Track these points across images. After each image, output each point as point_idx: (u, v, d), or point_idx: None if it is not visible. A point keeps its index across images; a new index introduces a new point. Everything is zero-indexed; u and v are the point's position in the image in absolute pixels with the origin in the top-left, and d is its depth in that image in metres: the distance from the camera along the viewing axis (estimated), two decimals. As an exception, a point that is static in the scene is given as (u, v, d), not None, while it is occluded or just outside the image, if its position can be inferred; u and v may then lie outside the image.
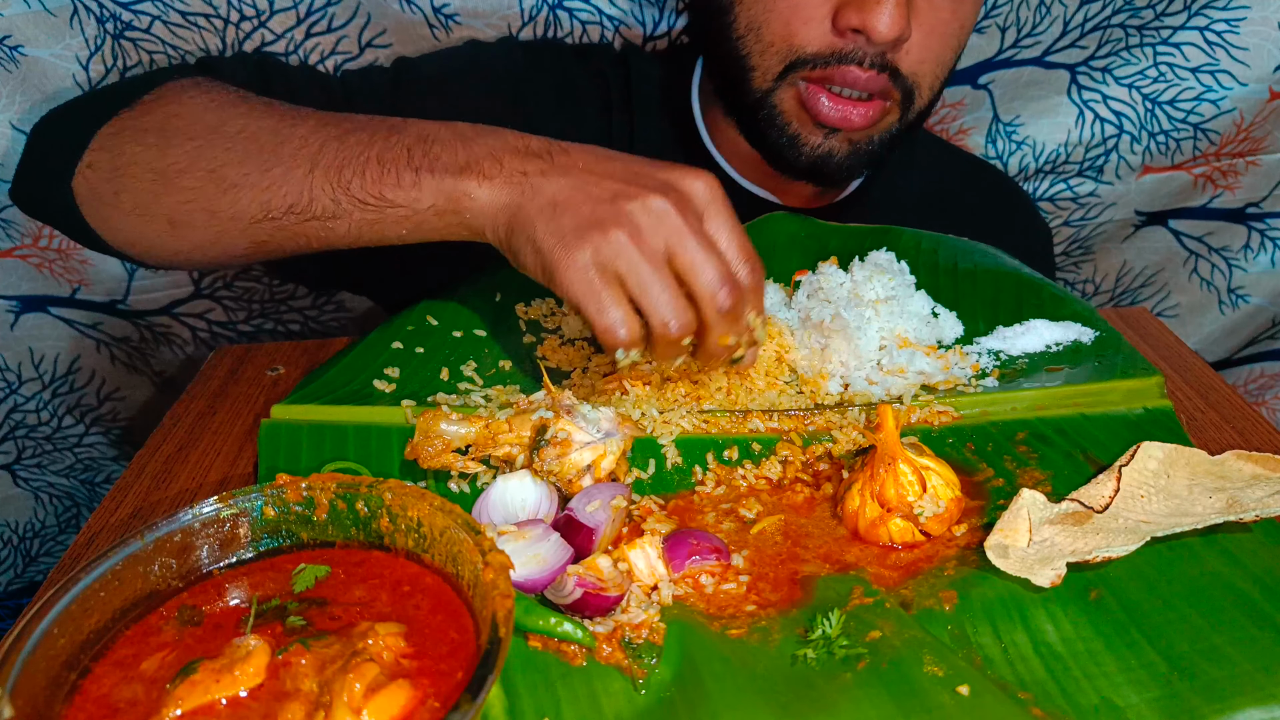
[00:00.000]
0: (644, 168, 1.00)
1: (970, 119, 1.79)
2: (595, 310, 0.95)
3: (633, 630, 0.80)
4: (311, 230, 1.09)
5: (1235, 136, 1.77)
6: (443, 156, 1.02)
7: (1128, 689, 0.75)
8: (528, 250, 0.98)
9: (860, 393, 1.15)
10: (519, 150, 1.01)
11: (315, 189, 1.06)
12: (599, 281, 0.94)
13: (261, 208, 1.09)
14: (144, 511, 1.05)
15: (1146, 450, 0.96)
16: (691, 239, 0.95)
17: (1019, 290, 1.35)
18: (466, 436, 0.98)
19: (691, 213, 0.97)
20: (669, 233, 0.95)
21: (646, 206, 0.95)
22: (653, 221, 0.95)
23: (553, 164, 0.99)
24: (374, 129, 1.07)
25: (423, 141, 1.04)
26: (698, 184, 0.99)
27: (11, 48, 1.38)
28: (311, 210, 1.07)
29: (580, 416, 0.98)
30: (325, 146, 1.07)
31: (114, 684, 0.69)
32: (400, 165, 1.03)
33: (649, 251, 0.94)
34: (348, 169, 1.05)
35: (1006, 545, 0.86)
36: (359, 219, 1.06)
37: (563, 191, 0.97)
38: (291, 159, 1.08)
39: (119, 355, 1.76)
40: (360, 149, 1.05)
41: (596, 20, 1.58)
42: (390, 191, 1.03)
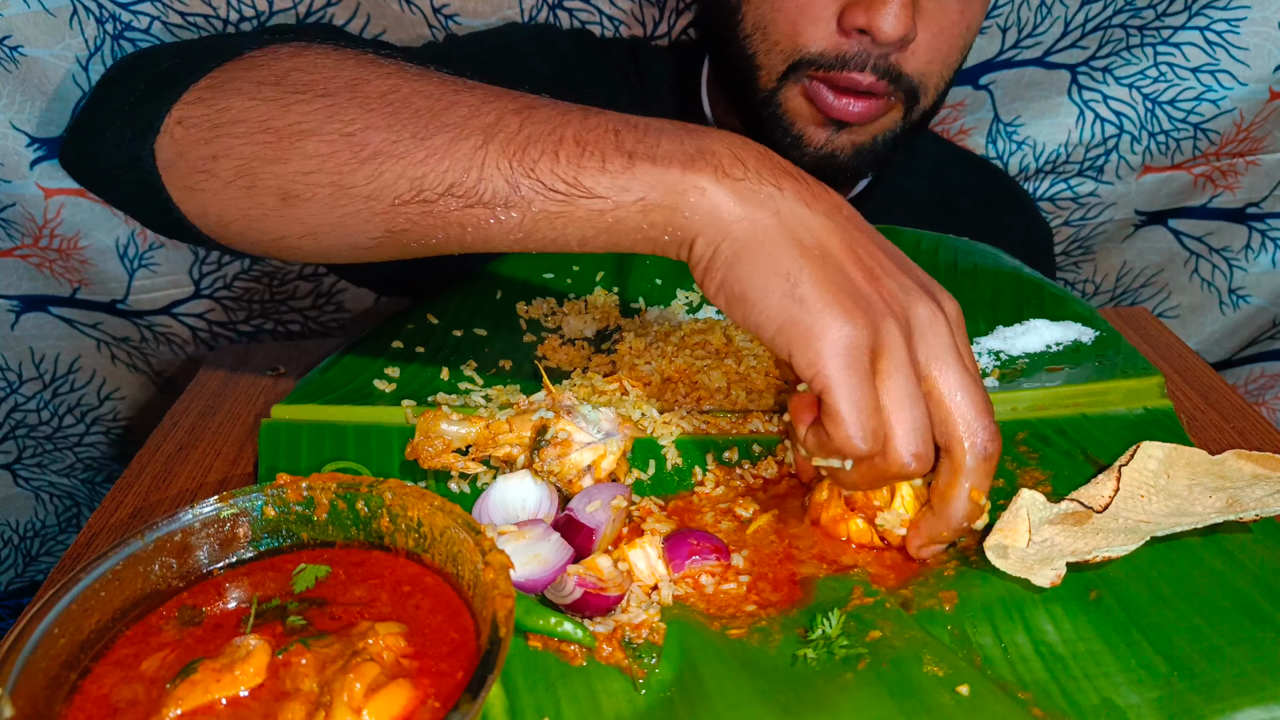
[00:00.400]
0: (908, 260, 0.85)
1: (971, 119, 1.80)
2: (843, 403, 0.77)
3: (633, 630, 0.80)
4: (471, 220, 0.86)
5: (1235, 136, 1.77)
6: (663, 144, 0.82)
7: (1128, 689, 0.75)
8: (774, 288, 0.78)
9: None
10: (763, 157, 0.83)
11: (488, 166, 0.84)
12: (856, 368, 0.77)
13: (412, 185, 0.86)
14: (144, 511, 1.05)
15: (1146, 450, 0.96)
16: (958, 364, 0.80)
17: (1019, 290, 1.35)
18: (467, 437, 0.98)
19: (956, 335, 0.82)
20: (938, 347, 0.80)
21: (921, 307, 0.80)
22: (924, 326, 0.80)
23: (814, 195, 0.81)
24: (569, 109, 0.87)
25: (630, 126, 0.84)
26: (953, 306, 0.84)
27: (11, 48, 1.38)
28: (479, 193, 0.84)
29: (580, 417, 0.98)
30: (504, 118, 0.86)
31: (114, 684, 0.69)
32: (607, 147, 0.82)
33: (914, 360, 0.79)
34: (534, 146, 0.83)
35: (1006, 545, 0.86)
36: (539, 210, 0.84)
37: (832, 238, 0.79)
38: (459, 127, 0.86)
39: (119, 355, 1.76)
40: (550, 125, 0.84)
41: (596, 20, 1.58)
42: (590, 177, 0.82)
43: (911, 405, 0.78)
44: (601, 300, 1.38)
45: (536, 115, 0.86)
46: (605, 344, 1.28)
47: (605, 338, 1.30)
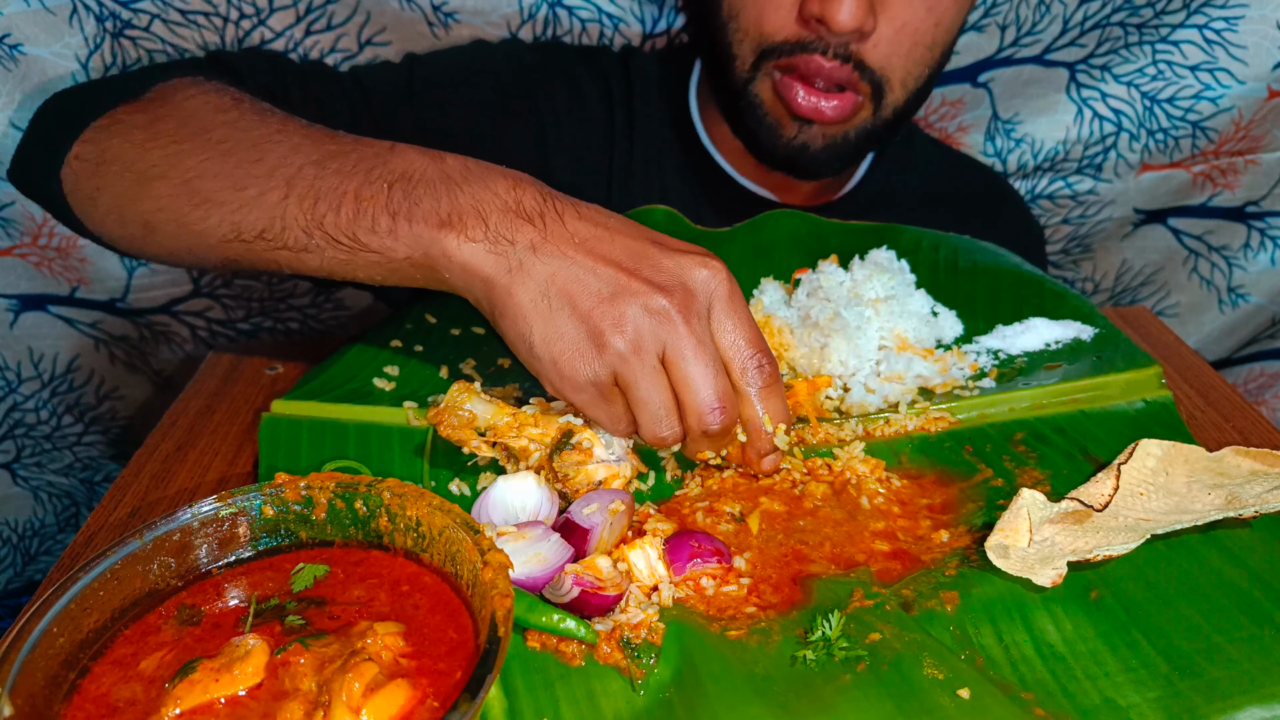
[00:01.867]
0: (649, 249, 0.93)
1: (969, 117, 1.79)
2: (599, 420, 0.95)
3: (631, 630, 0.80)
4: (283, 259, 1.02)
5: (1234, 135, 1.77)
6: (424, 202, 0.93)
7: (1129, 688, 0.75)
8: (522, 349, 0.93)
9: (858, 402, 1.14)
10: (508, 208, 0.92)
11: (288, 217, 0.99)
12: (600, 399, 0.93)
13: (232, 228, 1.02)
14: (143, 510, 1.05)
15: (1145, 448, 0.96)
16: (690, 349, 0.91)
17: (1019, 288, 1.35)
18: (491, 420, 0.98)
19: (695, 314, 0.91)
20: (668, 339, 0.90)
21: (648, 308, 0.89)
22: (652, 326, 0.90)
23: (545, 234, 0.91)
24: (358, 156, 0.99)
25: (405, 180, 0.95)
26: (702, 274, 0.92)
27: (11, 46, 1.38)
28: (283, 240, 1.00)
29: (599, 432, 0.98)
30: (303, 171, 0.99)
31: (113, 683, 0.69)
32: (378, 207, 0.94)
33: (646, 364, 0.91)
34: (323, 202, 0.97)
35: (1007, 545, 0.86)
36: (330, 256, 0.98)
37: (556, 279, 0.90)
38: (267, 179, 1.01)
39: (118, 354, 1.76)
40: (339, 180, 0.97)
41: (596, 19, 1.58)
42: (365, 235, 0.95)
43: (648, 402, 0.92)
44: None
45: (331, 167, 0.99)
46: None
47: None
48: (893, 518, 0.96)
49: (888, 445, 1.08)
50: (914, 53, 1.34)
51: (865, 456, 1.04)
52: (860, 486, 1.00)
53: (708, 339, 0.92)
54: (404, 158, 0.97)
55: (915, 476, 1.03)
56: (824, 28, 1.27)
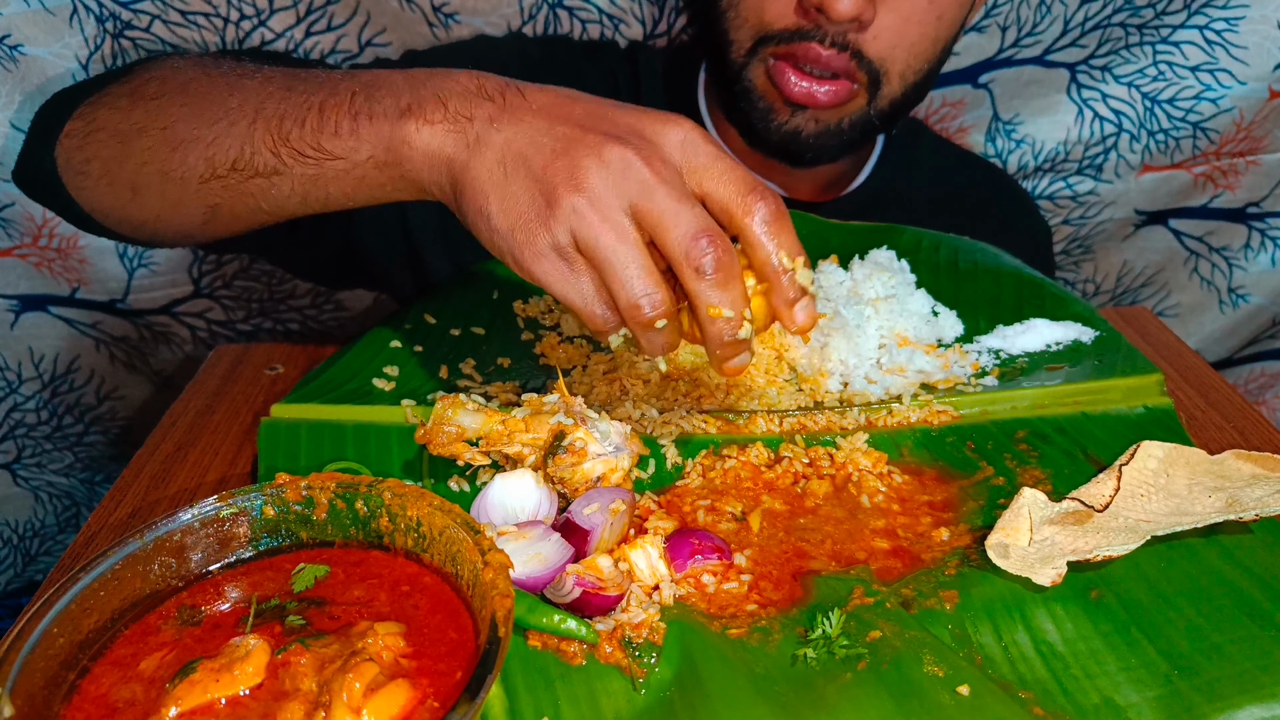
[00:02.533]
0: (610, 110, 0.88)
1: (970, 117, 1.79)
2: (569, 298, 0.85)
3: (632, 630, 0.80)
4: (257, 189, 1.00)
5: (1235, 135, 1.77)
6: (384, 100, 0.90)
7: (1128, 688, 0.75)
8: (482, 228, 0.86)
9: (860, 392, 1.15)
10: (468, 91, 0.88)
11: (256, 141, 0.97)
12: (567, 268, 0.84)
13: (208, 164, 1.01)
14: (143, 511, 1.05)
15: (1146, 449, 0.96)
16: (659, 189, 0.82)
17: (1019, 289, 1.35)
18: (481, 430, 0.98)
19: (661, 160, 0.83)
20: (632, 187, 0.82)
21: (604, 159, 0.82)
22: (612, 177, 0.82)
23: (503, 107, 0.87)
24: (327, 79, 0.98)
25: (369, 86, 0.93)
26: (672, 130, 0.85)
27: (11, 47, 1.38)
28: (254, 166, 0.98)
29: (593, 425, 0.97)
30: (271, 96, 0.98)
31: (113, 683, 0.69)
32: (340, 112, 0.92)
33: (609, 218, 0.82)
34: (289, 119, 0.95)
35: (1007, 544, 0.86)
36: (300, 174, 0.96)
37: (512, 144, 0.85)
38: (238, 110, 1.00)
39: (118, 354, 1.76)
40: (305, 96, 0.96)
41: (596, 19, 1.58)
42: (328, 142, 0.93)
43: (614, 260, 0.82)
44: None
45: (299, 88, 0.97)
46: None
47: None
48: (893, 515, 0.96)
49: (890, 437, 1.08)
50: (916, 46, 1.34)
51: (868, 449, 1.04)
52: (861, 484, 1.00)
53: (678, 180, 0.84)
54: (373, 72, 0.96)
55: (916, 472, 1.03)
56: (823, 16, 1.26)
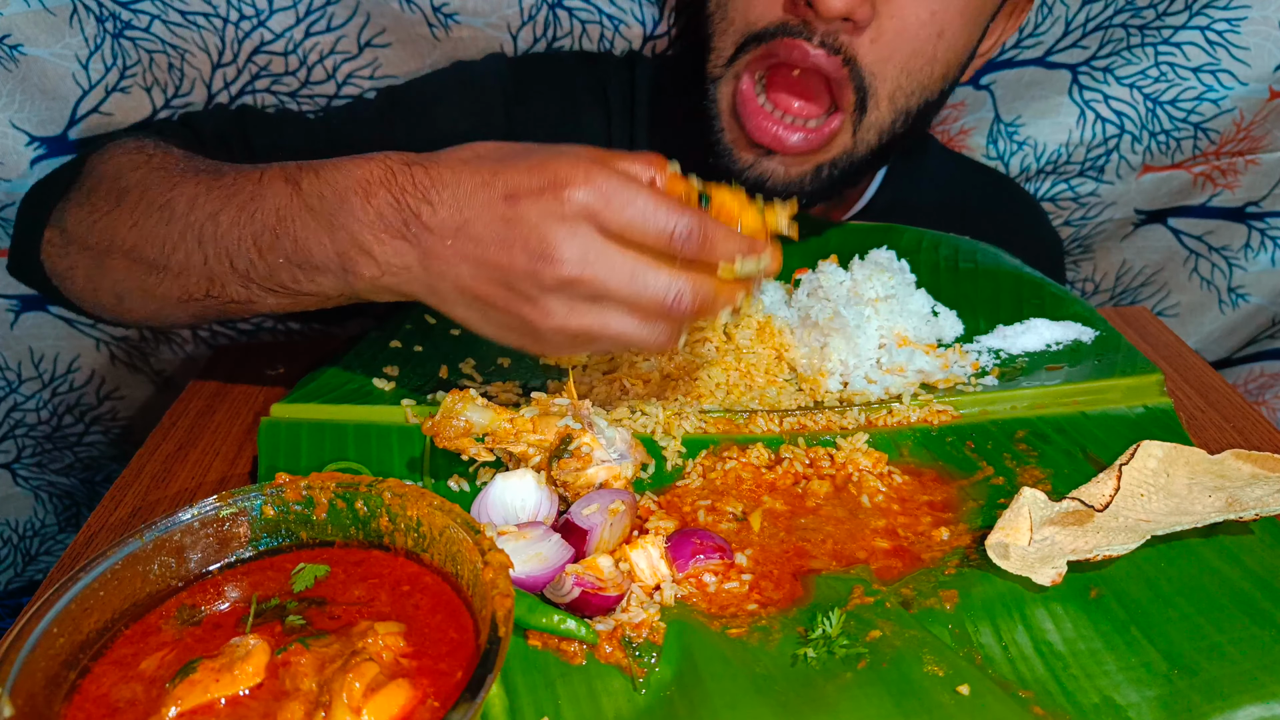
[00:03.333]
0: (501, 207, 0.88)
1: (972, 119, 1.79)
2: (631, 340, 0.91)
3: (633, 629, 0.80)
4: (236, 310, 1.07)
5: (1235, 135, 1.77)
6: (313, 250, 0.95)
7: (1128, 687, 0.75)
8: (496, 343, 0.96)
9: (859, 391, 1.15)
10: (377, 228, 0.91)
11: (221, 278, 1.03)
12: (607, 340, 0.91)
13: (183, 291, 1.07)
14: (143, 510, 1.05)
15: (1146, 449, 0.96)
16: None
17: (1019, 289, 1.35)
18: (488, 426, 0.98)
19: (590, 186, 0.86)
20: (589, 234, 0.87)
21: (548, 236, 0.86)
22: (567, 236, 0.86)
23: (422, 250, 0.91)
24: (239, 199, 1.01)
25: (281, 223, 0.97)
26: (577, 180, 0.87)
27: (11, 47, 1.38)
28: (228, 295, 1.04)
29: (599, 431, 0.98)
30: (204, 228, 1.02)
31: (113, 683, 0.69)
32: (283, 262, 0.98)
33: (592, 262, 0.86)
34: (239, 259, 1.00)
35: (1007, 544, 0.86)
36: (275, 303, 1.03)
37: (464, 288, 0.91)
38: (182, 241, 1.04)
39: (118, 354, 1.76)
40: (235, 230, 1.00)
41: (596, 20, 1.57)
42: (290, 284, 0.99)
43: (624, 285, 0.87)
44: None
45: (223, 220, 1.01)
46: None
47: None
48: (893, 515, 0.96)
49: (889, 437, 1.08)
50: (910, 63, 1.23)
51: (868, 449, 1.04)
52: (861, 484, 1.00)
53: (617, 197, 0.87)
54: (270, 191, 0.99)
55: (916, 472, 1.03)
56: (812, 11, 1.17)
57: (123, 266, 1.11)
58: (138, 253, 1.08)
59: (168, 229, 1.05)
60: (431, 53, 1.55)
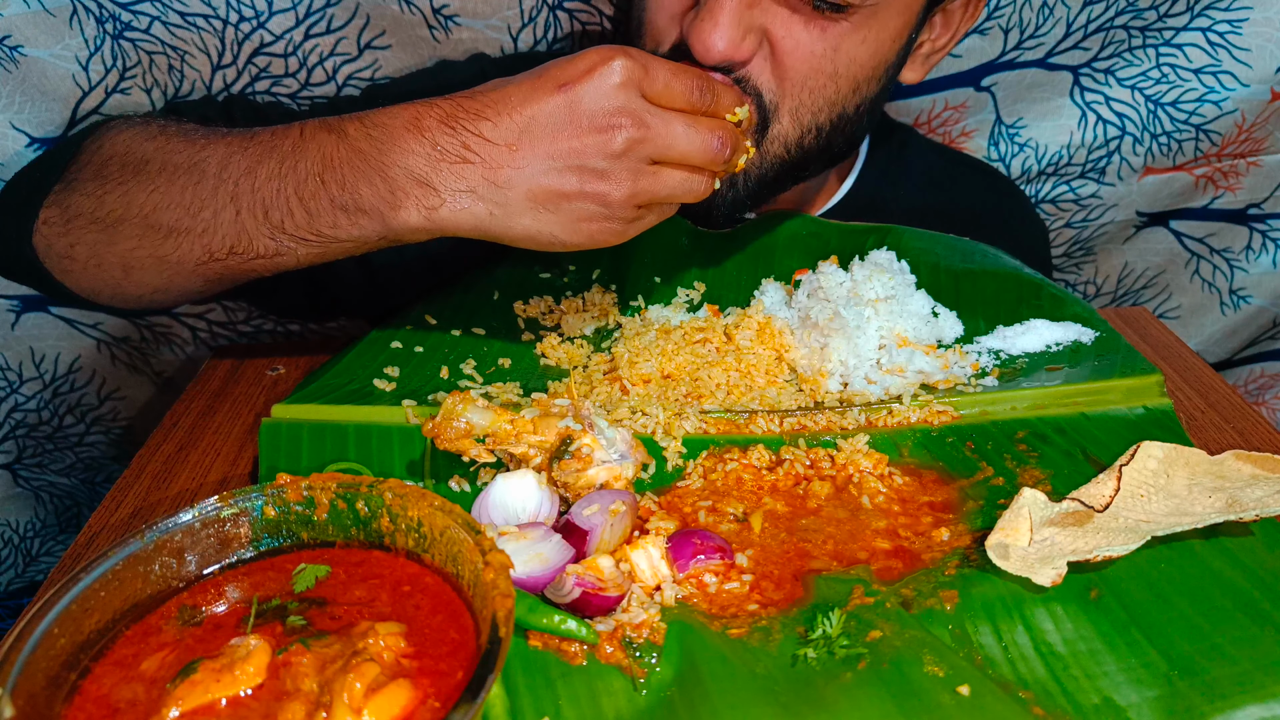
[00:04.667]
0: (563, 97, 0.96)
1: (973, 121, 1.79)
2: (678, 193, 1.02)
3: (633, 630, 0.80)
4: (259, 266, 1.07)
5: (1237, 137, 1.77)
6: (362, 192, 0.98)
7: (1128, 688, 0.75)
8: (560, 252, 1.01)
9: (859, 392, 1.15)
10: (435, 159, 0.96)
11: (251, 231, 1.04)
12: (644, 204, 0.99)
13: (204, 251, 1.07)
14: (144, 511, 1.05)
15: (1146, 450, 0.96)
16: (653, 133, 0.96)
17: (1019, 290, 1.35)
18: (489, 427, 0.98)
19: (638, 113, 0.97)
20: (641, 147, 0.96)
21: (608, 105, 0.95)
22: (625, 102, 0.95)
23: (487, 165, 0.96)
24: (278, 154, 1.03)
25: (329, 170, 0.99)
26: (613, 69, 0.96)
27: (11, 48, 1.38)
28: (254, 250, 1.05)
29: (599, 432, 0.98)
30: (240, 184, 1.03)
31: (114, 684, 0.69)
32: (326, 207, 0.99)
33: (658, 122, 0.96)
34: (274, 210, 1.02)
35: (1007, 545, 0.86)
36: (305, 253, 1.04)
37: (534, 193, 0.96)
38: (213, 198, 1.05)
39: (119, 355, 1.76)
40: (275, 183, 1.02)
41: (596, 21, 1.57)
42: (328, 230, 1.01)
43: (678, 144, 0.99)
44: (599, 298, 1.38)
45: (261, 174, 1.02)
46: (605, 342, 1.28)
47: (605, 336, 1.30)
48: (894, 516, 0.97)
49: (890, 437, 1.08)
50: (809, 81, 1.18)
51: (869, 450, 1.04)
52: (862, 485, 1.00)
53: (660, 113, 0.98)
54: (315, 142, 1.01)
55: (916, 473, 1.03)
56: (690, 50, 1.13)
57: (136, 234, 1.11)
58: (155, 218, 1.08)
59: (196, 189, 1.06)
60: (431, 54, 1.55)
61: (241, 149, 1.05)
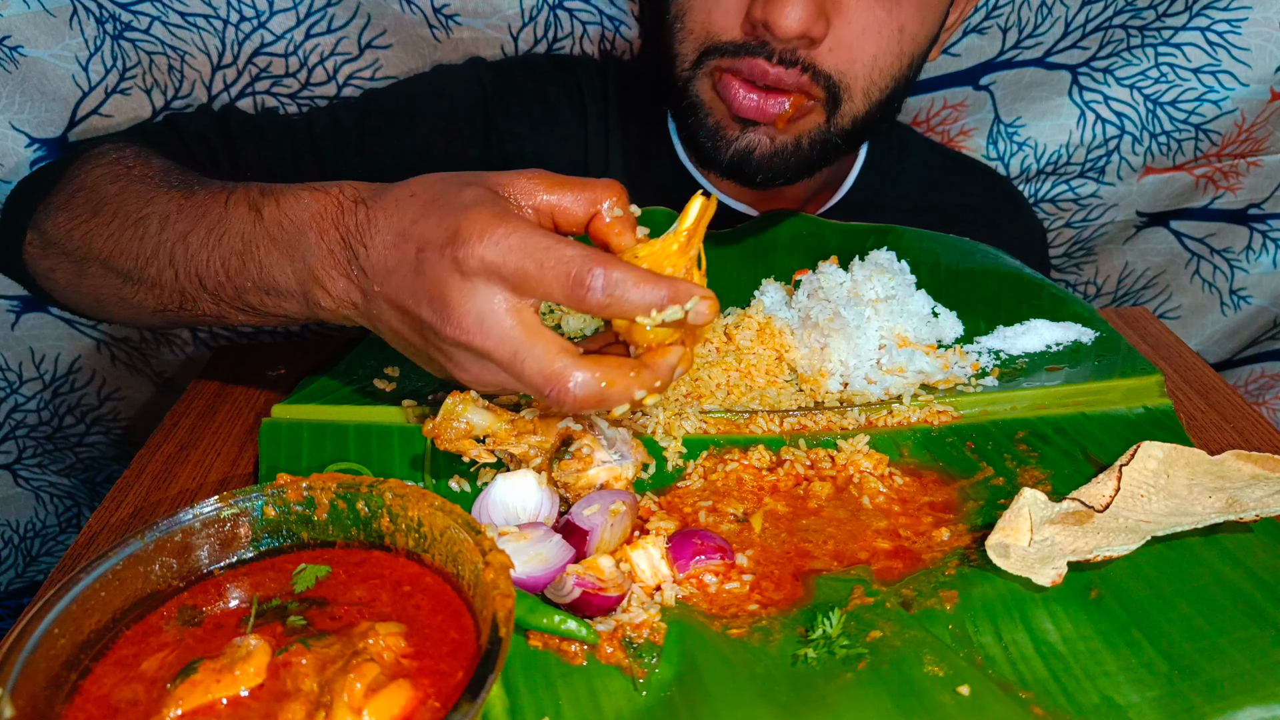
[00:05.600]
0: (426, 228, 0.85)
1: (972, 120, 1.79)
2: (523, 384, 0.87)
3: (633, 630, 0.80)
4: (210, 321, 1.09)
5: (1237, 137, 1.77)
6: (278, 280, 0.96)
7: (1128, 688, 0.75)
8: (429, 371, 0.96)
9: (860, 392, 1.15)
10: (327, 263, 0.92)
11: (190, 293, 1.05)
12: (502, 391, 0.92)
13: (157, 302, 1.09)
14: (144, 511, 1.05)
15: (1147, 450, 0.96)
16: (508, 264, 0.81)
17: (1019, 290, 1.35)
18: (489, 428, 0.98)
19: (486, 240, 0.82)
20: (490, 293, 0.83)
21: (446, 294, 0.83)
22: (465, 295, 0.83)
23: (362, 290, 0.91)
24: (206, 221, 1.02)
25: (247, 249, 0.98)
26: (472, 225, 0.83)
27: (11, 48, 1.38)
28: (199, 309, 1.06)
29: (599, 433, 0.98)
30: (175, 249, 1.04)
31: (114, 684, 0.69)
32: (251, 285, 0.99)
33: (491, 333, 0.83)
34: (207, 278, 1.02)
35: (1008, 545, 0.86)
36: (244, 319, 1.05)
37: (396, 331, 0.92)
38: (154, 257, 1.06)
39: (119, 355, 1.76)
40: (204, 253, 1.01)
41: (597, 20, 1.57)
42: (258, 305, 1.01)
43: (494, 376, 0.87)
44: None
45: (193, 241, 1.02)
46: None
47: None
48: (894, 516, 0.97)
49: (890, 438, 1.08)
50: (879, 60, 1.25)
51: (869, 451, 1.04)
52: (862, 486, 1.00)
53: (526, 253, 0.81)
54: (235, 215, 1.00)
55: (916, 473, 1.03)
56: (768, 32, 1.19)
57: (100, 274, 1.14)
58: (113, 263, 1.10)
59: (141, 245, 1.07)
60: (432, 54, 1.55)
61: (179, 212, 1.06)
